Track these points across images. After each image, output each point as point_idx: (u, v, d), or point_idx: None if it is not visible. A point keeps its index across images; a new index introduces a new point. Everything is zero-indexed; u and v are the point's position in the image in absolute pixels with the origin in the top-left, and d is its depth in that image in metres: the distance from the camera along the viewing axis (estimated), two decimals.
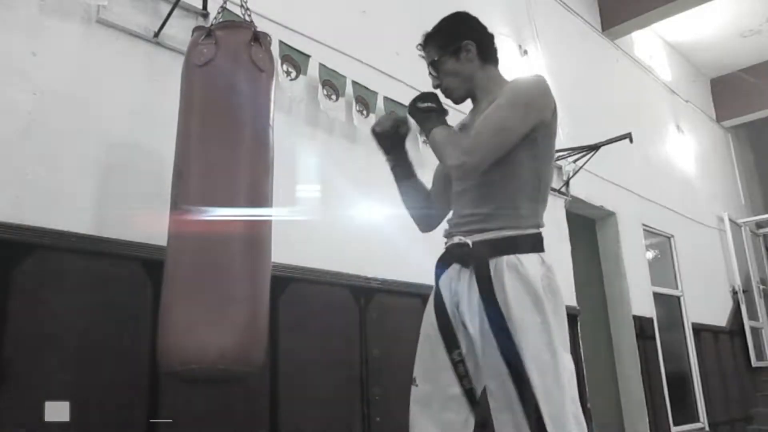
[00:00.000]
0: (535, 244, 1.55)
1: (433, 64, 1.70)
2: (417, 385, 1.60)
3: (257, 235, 1.71)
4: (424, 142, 3.32)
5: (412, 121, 1.73)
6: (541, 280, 1.50)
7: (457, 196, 1.66)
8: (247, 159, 1.73)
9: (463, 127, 1.71)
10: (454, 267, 1.60)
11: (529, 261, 1.50)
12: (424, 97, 1.66)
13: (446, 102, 1.71)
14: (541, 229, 1.59)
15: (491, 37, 1.72)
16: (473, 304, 1.52)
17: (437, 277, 1.64)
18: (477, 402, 1.55)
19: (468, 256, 1.55)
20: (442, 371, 1.56)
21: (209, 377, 1.60)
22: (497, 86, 1.64)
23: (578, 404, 1.45)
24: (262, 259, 1.71)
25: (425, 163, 3.39)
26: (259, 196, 1.73)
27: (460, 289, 1.56)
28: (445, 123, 1.62)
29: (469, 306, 1.53)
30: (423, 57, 1.75)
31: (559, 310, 1.53)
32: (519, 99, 1.54)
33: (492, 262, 1.50)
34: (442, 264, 1.64)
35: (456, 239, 1.60)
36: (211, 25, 1.88)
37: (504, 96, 1.54)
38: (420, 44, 1.76)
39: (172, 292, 1.62)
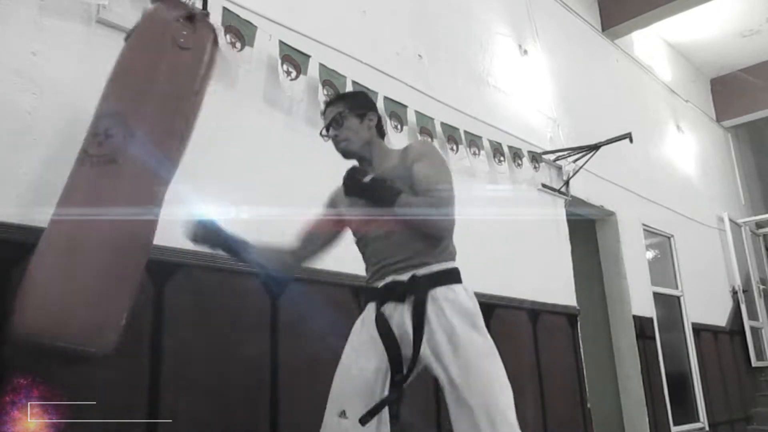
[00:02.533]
0: (458, 275, 1.75)
1: (338, 116, 1.87)
2: (348, 418, 1.66)
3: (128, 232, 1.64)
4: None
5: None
6: (470, 304, 1.69)
7: (380, 242, 1.78)
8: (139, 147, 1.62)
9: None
10: (389, 305, 1.72)
11: (459, 289, 1.71)
12: (357, 171, 1.80)
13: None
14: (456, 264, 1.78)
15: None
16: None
17: (378, 310, 1.74)
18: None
19: (408, 290, 1.69)
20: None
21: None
22: (393, 153, 1.88)
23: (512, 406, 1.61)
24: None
25: None
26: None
27: (402, 324, 1.68)
28: (399, 189, 1.72)
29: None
30: (327, 114, 1.91)
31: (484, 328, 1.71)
32: (441, 159, 1.82)
33: (429, 294, 1.67)
34: (377, 303, 1.76)
35: (390, 278, 1.74)
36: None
37: (427, 159, 1.76)
38: (328, 101, 1.97)
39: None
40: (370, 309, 1.79)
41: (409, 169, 1.75)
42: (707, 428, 5.48)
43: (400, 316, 1.69)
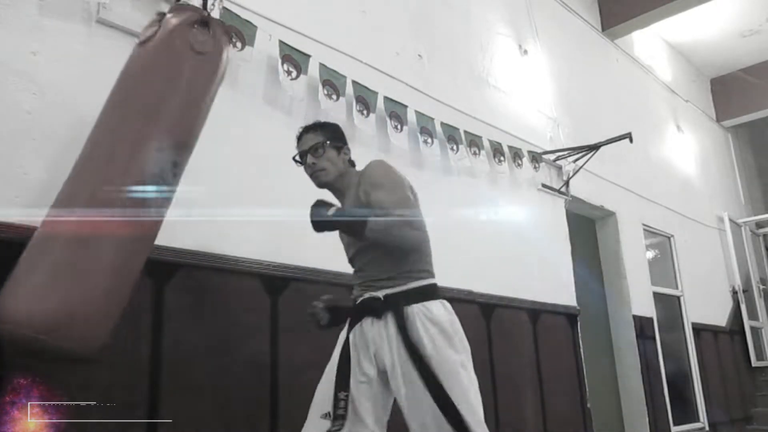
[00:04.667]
0: (434, 291, 1.78)
1: (318, 145, 1.88)
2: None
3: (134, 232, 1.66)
4: (424, 141, 3.32)
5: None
6: (446, 321, 1.72)
7: (366, 260, 1.83)
8: (149, 144, 1.67)
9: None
10: (367, 320, 1.77)
11: (434, 306, 1.73)
12: (320, 206, 1.79)
13: None
14: (435, 280, 1.82)
15: None
16: (393, 350, 1.70)
17: (349, 328, 1.82)
18: None
19: (382, 308, 1.73)
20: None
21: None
22: (356, 178, 1.87)
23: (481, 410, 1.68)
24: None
25: (424, 163, 3.39)
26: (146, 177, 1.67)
27: (378, 339, 1.74)
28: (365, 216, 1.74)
29: (389, 352, 1.70)
30: (304, 141, 1.92)
31: (464, 342, 1.74)
32: (394, 181, 1.80)
33: (405, 310, 1.70)
34: (355, 318, 1.81)
35: (368, 294, 1.78)
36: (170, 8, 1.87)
37: (382, 187, 1.76)
38: (305, 128, 1.96)
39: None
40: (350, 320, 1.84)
41: (368, 198, 1.77)
42: (707, 428, 5.48)
43: (378, 332, 1.73)
